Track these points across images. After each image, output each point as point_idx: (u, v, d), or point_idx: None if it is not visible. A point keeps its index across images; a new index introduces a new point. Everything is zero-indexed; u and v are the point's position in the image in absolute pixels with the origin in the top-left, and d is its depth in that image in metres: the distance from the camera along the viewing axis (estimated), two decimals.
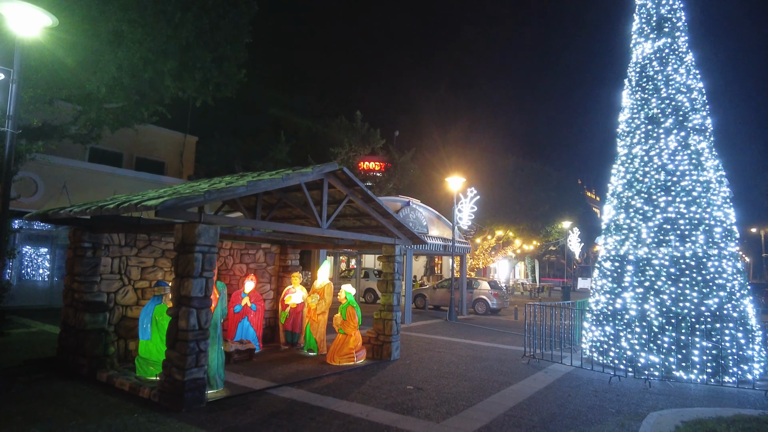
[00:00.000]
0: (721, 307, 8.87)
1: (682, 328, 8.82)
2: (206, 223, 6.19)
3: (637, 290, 9.53)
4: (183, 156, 26.69)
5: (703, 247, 9.21)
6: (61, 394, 6.31)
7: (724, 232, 9.41)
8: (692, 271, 9.11)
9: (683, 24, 10.58)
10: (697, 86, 10.22)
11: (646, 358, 8.98)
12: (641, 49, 10.81)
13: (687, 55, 10.42)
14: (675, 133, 9.89)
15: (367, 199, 9.19)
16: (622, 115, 11.09)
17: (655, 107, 10.20)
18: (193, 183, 8.80)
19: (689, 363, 8.68)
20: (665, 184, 9.72)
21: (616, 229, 10.41)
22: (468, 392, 7.38)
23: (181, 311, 6.06)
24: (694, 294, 8.97)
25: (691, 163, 9.67)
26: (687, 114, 9.93)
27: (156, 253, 9.13)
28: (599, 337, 10.02)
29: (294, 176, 7.29)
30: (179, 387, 5.90)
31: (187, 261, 6.10)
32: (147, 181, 19.73)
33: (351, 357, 9.21)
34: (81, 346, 7.44)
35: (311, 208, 8.10)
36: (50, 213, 7.20)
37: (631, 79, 10.95)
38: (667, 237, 9.45)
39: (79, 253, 7.83)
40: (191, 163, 27.12)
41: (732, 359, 8.68)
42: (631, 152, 10.50)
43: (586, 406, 6.84)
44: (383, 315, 9.91)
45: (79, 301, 7.67)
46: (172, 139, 25.90)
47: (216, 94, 11.95)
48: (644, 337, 9.11)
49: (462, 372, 8.86)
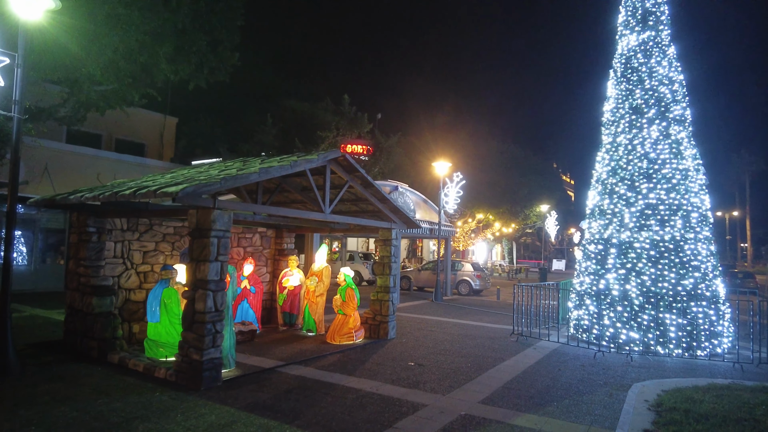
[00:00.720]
0: (696, 287, 9.54)
1: (661, 306, 9.48)
2: (220, 209, 6.38)
3: (619, 271, 10.13)
4: (163, 137, 26.27)
5: (680, 231, 9.84)
6: (79, 375, 6.48)
7: (699, 217, 10.06)
8: (670, 253, 9.74)
9: (666, 18, 11.04)
10: (678, 78, 10.74)
11: (627, 334, 9.62)
12: (627, 41, 11.25)
13: (669, 48, 10.91)
14: (657, 123, 10.42)
15: (367, 185, 9.45)
16: (607, 105, 11.57)
17: (639, 98, 10.69)
18: (199, 168, 8.86)
19: (666, 339, 9.35)
20: (647, 171, 10.27)
21: (600, 214, 10.97)
22: (466, 368, 7.85)
23: (197, 294, 6.27)
24: (672, 275, 9.62)
25: (671, 151, 10.24)
26: (668, 105, 10.46)
27: (157, 237, 9.23)
28: (583, 315, 10.63)
29: (301, 162, 7.49)
30: (197, 367, 6.14)
31: (203, 245, 6.29)
32: (130, 164, 19.45)
33: (351, 336, 9.57)
34: (90, 329, 7.57)
35: (315, 193, 8.33)
36: (58, 198, 7.23)
37: (617, 70, 11.40)
38: (648, 222, 10.04)
39: (84, 238, 7.90)
40: (171, 144, 26.70)
41: (704, 335, 9.39)
42: (615, 141, 11.01)
43: (576, 379, 7.39)
44: (380, 296, 10.28)
45: (86, 285, 7.77)
46: (152, 120, 25.39)
47: (210, 78, 11.89)
48: (626, 315, 9.74)
49: (457, 349, 9.34)
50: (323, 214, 8.48)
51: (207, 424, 4.94)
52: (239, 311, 10.26)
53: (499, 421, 5.36)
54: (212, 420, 5.04)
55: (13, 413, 5.01)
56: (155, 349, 7.51)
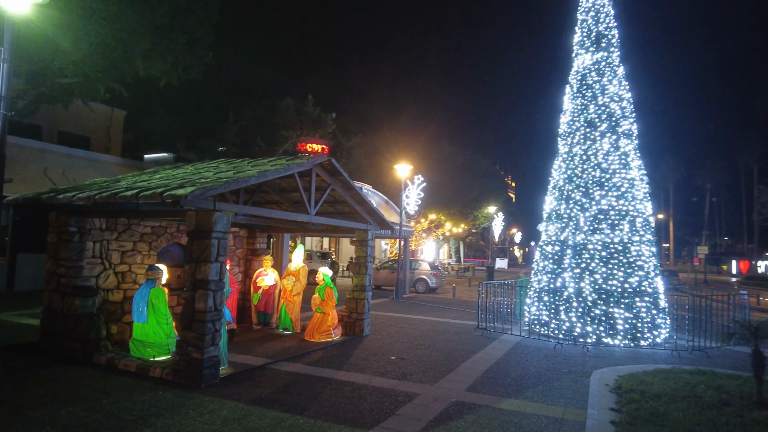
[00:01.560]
0: (640, 284, 10.69)
1: (611, 302, 10.54)
2: (220, 211, 6.55)
3: (574, 270, 11.13)
4: (111, 131, 25.13)
5: (628, 235, 10.97)
6: (70, 377, 6.43)
7: (643, 222, 11.26)
8: (619, 254, 10.84)
9: (617, 40, 12.20)
10: (626, 96, 11.92)
11: (582, 328, 10.62)
12: (582, 60, 12.32)
13: (619, 68, 12.07)
14: (608, 136, 11.52)
15: (348, 188, 9.83)
16: (563, 117, 12.60)
17: (593, 113, 11.76)
18: (186, 168, 8.80)
19: (615, 331, 10.42)
20: (600, 180, 11.34)
21: (557, 218, 11.95)
22: (444, 360, 8.44)
23: (197, 294, 6.42)
24: (620, 274, 10.71)
25: (620, 162, 11.37)
26: (618, 120, 11.60)
27: (135, 237, 9.13)
28: (542, 311, 11.56)
29: (293, 166, 7.77)
30: (197, 365, 6.30)
31: (204, 246, 6.44)
32: (81, 159, 18.53)
33: (329, 334, 9.91)
34: (73, 330, 7.45)
35: (301, 194, 8.59)
36: (44, 197, 7.07)
37: (573, 86, 12.44)
38: (601, 225, 11.11)
39: (64, 238, 7.74)
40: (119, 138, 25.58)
41: (647, 327, 10.55)
42: (571, 151, 12.03)
43: (543, 368, 8.17)
44: (356, 294, 10.67)
45: (68, 286, 7.63)
46: (98, 112, 24.18)
47: (183, 76, 11.77)
48: (580, 310, 10.73)
49: (430, 344, 9.92)
50: (309, 215, 8.78)
51: (222, 418, 5.17)
52: None
53: (487, 406, 5.96)
54: (225, 414, 5.28)
55: (20, 415, 5.00)
56: (142, 350, 7.51)
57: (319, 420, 5.22)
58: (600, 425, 5.33)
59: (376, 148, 25.27)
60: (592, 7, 12.39)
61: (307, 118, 20.14)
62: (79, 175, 18.25)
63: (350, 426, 5.09)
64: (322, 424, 5.09)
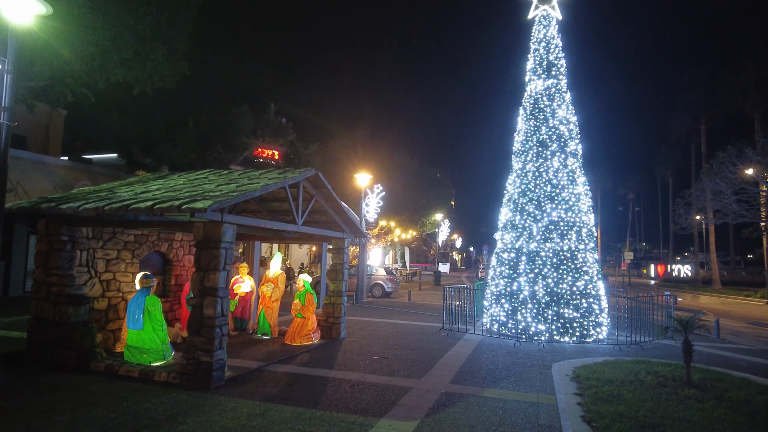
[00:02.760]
0: (586, 287, 12.10)
1: (561, 303, 11.85)
2: (228, 223, 6.98)
3: (529, 275, 12.36)
4: (50, 131, 23.95)
5: (575, 243, 12.37)
6: (76, 384, 6.58)
7: (588, 232, 12.72)
8: (568, 261, 12.20)
9: (565, 69, 13.69)
10: (573, 119, 13.40)
11: (536, 327, 11.84)
12: (534, 85, 13.69)
13: (567, 94, 13.55)
14: (558, 155, 12.91)
15: (328, 199, 10.44)
16: (517, 137, 13.91)
17: (544, 134, 13.13)
18: (176, 179, 8.92)
19: (566, 329, 11.73)
20: (551, 194, 12.69)
21: (512, 227, 13.18)
22: (422, 358, 9.25)
23: (206, 301, 6.80)
24: (569, 278, 12.06)
25: (568, 179, 12.78)
26: (566, 141, 13.03)
27: (119, 246, 9.23)
28: (499, 312, 12.70)
29: (289, 179, 8.30)
30: (206, 368, 6.68)
31: (212, 256, 6.84)
32: (23, 160, 17.66)
33: (309, 337, 10.43)
34: (66, 339, 7.52)
35: (290, 204, 9.09)
36: (44, 207, 7.13)
37: (526, 108, 13.78)
38: (551, 235, 12.43)
39: (56, 247, 7.79)
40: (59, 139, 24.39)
41: (592, 325, 11.95)
42: (525, 167, 13.33)
43: (509, 363, 9.19)
44: (333, 299, 11.26)
45: (60, 294, 7.68)
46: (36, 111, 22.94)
47: (159, 85, 11.87)
48: (535, 311, 11.96)
49: (404, 344, 10.71)
50: (296, 225, 9.29)
51: (245, 414, 5.65)
52: None
53: (473, 395, 6.82)
54: (246, 411, 5.76)
55: (49, 420, 5.22)
56: (138, 356, 7.71)
57: (334, 411, 5.83)
58: (569, 406, 6.34)
59: (334, 156, 25.81)
60: (543, 39, 13.82)
61: (267, 125, 20.35)
62: (22, 178, 17.44)
63: (363, 415, 5.75)
64: (339, 415, 5.72)
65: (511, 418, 5.88)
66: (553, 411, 6.24)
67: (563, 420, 5.82)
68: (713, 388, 7.20)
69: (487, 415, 5.97)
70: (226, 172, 9.68)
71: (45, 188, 18.21)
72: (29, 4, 6.59)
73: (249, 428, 5.21)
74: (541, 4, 14.14)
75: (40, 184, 18.37)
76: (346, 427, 5.35)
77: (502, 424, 5.65)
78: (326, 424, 5.42)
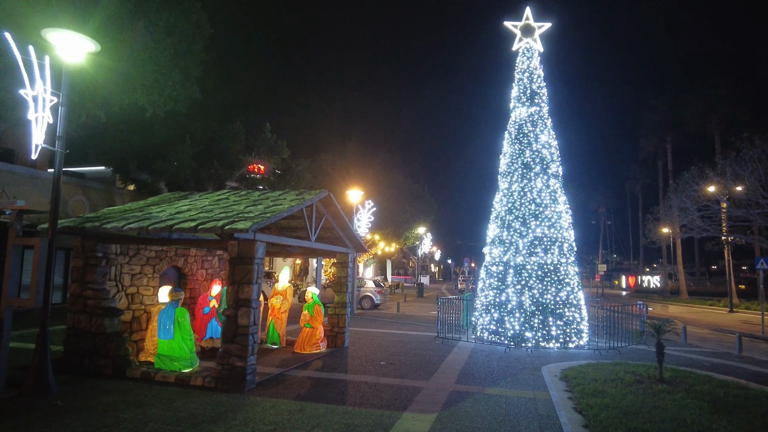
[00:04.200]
0: (568, 298, 13.23)
1: (546, 312, 12.93)
2: (260, 241, 7.78)
3: (516, 287, 13.43)
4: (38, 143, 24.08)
5: (558, 257, 13.52)
6: (121, 389, 7.22)
7: (569, 247, 13.90)
8: (551, 273, 13.33)
9: (546, 98, 14.98)
10: (554, 144, 14.66)
11: (524, 334, 12.87)
12: (519, 112, 14.92)
13: (548, 120, 14.83)
14: (541, 176, 14.12)
15: (336, 217, 11.30)
16: (503, 159, 15.08)
17: (528, 157, 14.33)
18: (199, 199, 9.58)
19: (550, 336, 12.80)
20: (535, 212, 13.85)
21: (500, 243, 14.27)
22: (424, 363, 10.13)
23: (240, 311, 7.56)
24: (553, 289, 13.18)
25: (551, 198, 13.98)
26: (548, 164, 14.26)
27: (142, 261, 9.87)
28: (489, 321, 13.70)
29: (307, 201, 9.15)
30: (241, 372, 7.42)
31: (246, 271, 7.62)
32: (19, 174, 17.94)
33: (318, 346, 11.19)
34: (103, 348, 8.13)
35: (305, 222, 9.92)
36: (88, 226, 7.78)
37: (511, 133, 14.99)
38: (536, 250, 13.56)
39: (92, 263, 8.42)
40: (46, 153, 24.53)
41: (574, 332, 13.06)
42: (511, 188, 14.48)
43: (503, 366, 10.16)
44: (338, 310, 12.06)
45: (96, 307, 8.30)
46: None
47: (172, 107, 12.60)
48: (522, 319, 13.00)
49: (405, 351, 11.57)
50: (310, 242, 10.12)
51: (285, 410, 6.43)
52: (209, 328, 11.13)
53: (478, 393, 7.74)
54: (285, 408, 6.53)
55: (114, 417, 5.89)
56: (169, 363, 8.37)
57: (362, 407, 6.66)
58: (562, 400, 7.33)
59: (323, 171, 26.65)
60: (526, 69, 15.11)
61: (263, 144, 21.10)
62: (18, 192, 17.69)
63: (388, 409, 6.60)
64: (367, 410, 6.55)
65: (515, 410, 6.82)
66: (548, 404, 7.21)
67: (558, 411, 6.79)
68: (682, 384, 8.31)
69: (494, 408, 6.90)
70: (244, 192, 10.45)
71: (40, 202, 18.45)
72: (81, 43, 7.32)
73: (293, 422, 5.99)
74: (524, 37, 15.46)
75: (36, 198, 18.61)
76: (377, 418, 6.20)
77: (508, 415, 6.59)
78: (359, 416, 6.25)
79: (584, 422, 6.29)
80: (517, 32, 15.50)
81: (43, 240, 6.91)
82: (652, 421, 6.25)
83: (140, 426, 5.62)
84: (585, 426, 6.16)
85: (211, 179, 20.56)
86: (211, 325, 11.15)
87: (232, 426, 5.75)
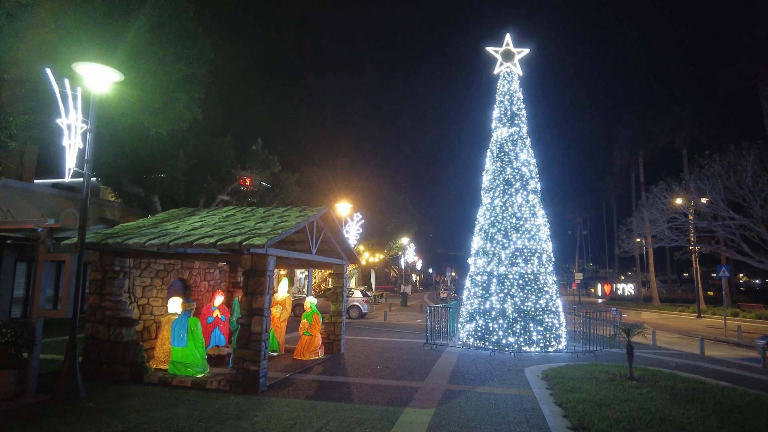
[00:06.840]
0: (548, 305, 14.23)
1: (527, 319, 13.90)
2: (271, 255, 8.52)
3: (499, 295, 14.38)
4: (24, 158, 24.36)
5: (537, 267, 14.53)
6: (145, 392, 7.83)
7: (548, 257, 14.95)
8: (532, 282, 14.33)
9: (526, 118, 16.10)
10: (533, 161, 15.75)
11: (507, 339, 13.80)
12: (500, 132, 16.00)
13: (527, 139, 15.93)
14: (521, 192, 15.17)
15: (333, 231, 12.09)
16: (486, 175, 16.11)
17: (509, 174, 15.38)
18: (208, 215, 10.24)
19: (531, 341, 13.76)
20: (516, 225, 14.87)
21: (484, 254, 15.23)
22: (418, 366, 10.93)
23: (254, 320, 8.26)
24: (533, 297, 14.17)
25: (530, 212, 15.03)
26: (528, 180, 15.33)
27: (152, 274, 10.48)
28: (474, 327, 14.60)
29: (310, 217, 9.92)
30: (254, 376, 8.10)
31: (259, 282, 8.34)
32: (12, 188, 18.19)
33: (316, 352, 11.89)
34: (121, 355, 8.72)
35: (307, 236, 10.68)
36: (111, 243, 8.39)
37: (493, 151, 16.04)
38: (517, 260, 14.55)
39: (110, 276, 9.02)
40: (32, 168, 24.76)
41: (552, 337, 14.05)
42: (493, 202, 15.50)
43: (490, 368, 11.03)
44: (334, 319, 12.79)
45: (114, 317, 8.89)
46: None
47: (175, 127, 13.25)
48: (505, 326, 13.94)
49: (398, 356, 12.35)
50: (311, 254, 10.87)
51: (299, 408, 7.15)
52: (213, 337, 11.73)
53: (469, 391, 8.58)
54: (299, 406, 7.26)
55: (145, 417, 6.53)
56: (183, 370, 8.99)
57: (368, 404, 7.43)
58: (544, 396, 8.23)
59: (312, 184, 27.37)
60: (507, 92, 16.22)
61: (255, 159, 21.76)
62: (12, 206, 17.98)
63: (392, 406, 7.39)
64: (373, 406, 7.32)
65: (503, 405, 7.69)
66: (532, 400, 8.09)
67: (541, 405, 7.68)
68: (649, 381, 9.31)
69: (484, 403, 7.75)
70: (249, 209, 11.15)
71: (33, 215, 18.74)
72: (108, 74, 8.02)
73: (309, 417, 6.73)
74: (505, 62, 16.61)
75: (30, 211, 18.89)
76: (383, 412, 6.98)
77: (497, 408, 7.44)
78: (367, 411, 7.02)
79: (564, 413, 7.19)
80: (498, 57, 16.64)
81: (73, 255, 7.53)
82: (621, 410, 7.18)
83: (173, 422, 6.28)
84: (564, 416, 7.06)
85: (203, 193, 21.09)
86: (214, 334, 11.75)
87: (256, 422, 6.46)
